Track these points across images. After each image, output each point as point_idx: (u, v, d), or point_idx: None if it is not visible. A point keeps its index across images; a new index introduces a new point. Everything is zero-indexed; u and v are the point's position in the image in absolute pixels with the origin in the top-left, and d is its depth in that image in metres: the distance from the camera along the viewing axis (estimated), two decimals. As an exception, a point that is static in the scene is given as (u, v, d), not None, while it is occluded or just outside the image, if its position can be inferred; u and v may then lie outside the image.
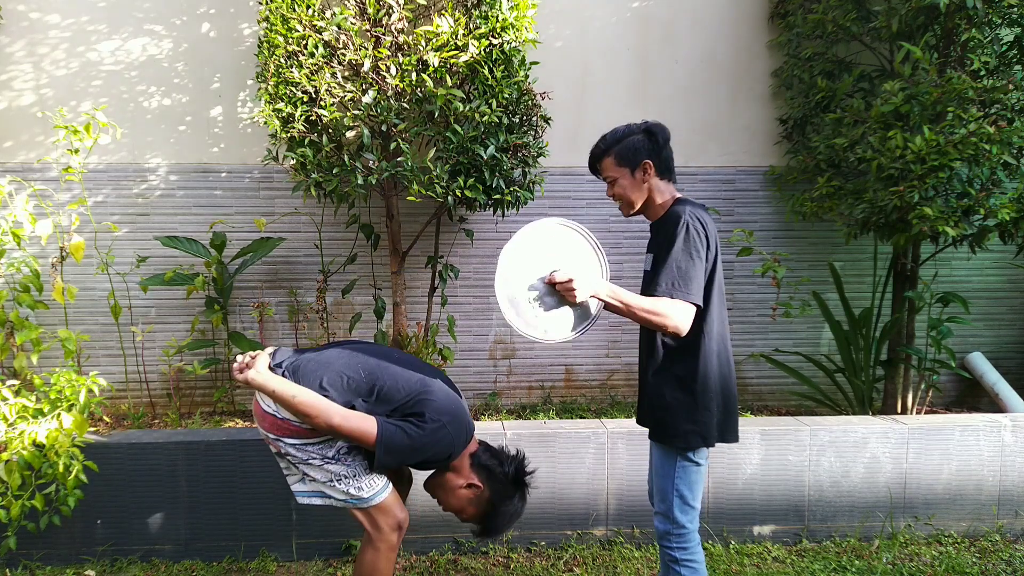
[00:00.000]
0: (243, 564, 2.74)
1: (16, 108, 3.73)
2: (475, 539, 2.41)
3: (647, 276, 2.02)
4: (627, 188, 1.99)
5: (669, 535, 1.98)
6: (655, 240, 2.00)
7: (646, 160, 1.96)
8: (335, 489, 1.98)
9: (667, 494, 1.97)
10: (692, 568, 1.96)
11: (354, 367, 1.98)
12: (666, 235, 1.88)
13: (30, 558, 2.70)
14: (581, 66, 3.99)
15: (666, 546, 1.99)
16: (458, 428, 1.99)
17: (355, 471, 1.98)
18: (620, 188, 2.00)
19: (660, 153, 1.98)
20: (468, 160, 3.05)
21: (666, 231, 1.89)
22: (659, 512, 2.01)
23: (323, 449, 1.97)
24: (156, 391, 3.84)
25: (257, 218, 3.66)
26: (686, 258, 1.84)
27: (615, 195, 2.03)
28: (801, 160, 3.79)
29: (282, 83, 2.98)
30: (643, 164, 1.96)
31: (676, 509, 1.96)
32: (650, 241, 2.05)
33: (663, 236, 1.90)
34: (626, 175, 1.98)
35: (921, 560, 2.78)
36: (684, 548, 1.97)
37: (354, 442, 1.92)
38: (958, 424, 3.01)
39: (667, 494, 1.97)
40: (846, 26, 3.47)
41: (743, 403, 4.14)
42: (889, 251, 3.79)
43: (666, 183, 2.01)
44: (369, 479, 1.99)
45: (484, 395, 4.08)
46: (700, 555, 1.98)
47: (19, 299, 2.86)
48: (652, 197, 2.00)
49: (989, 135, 2.88)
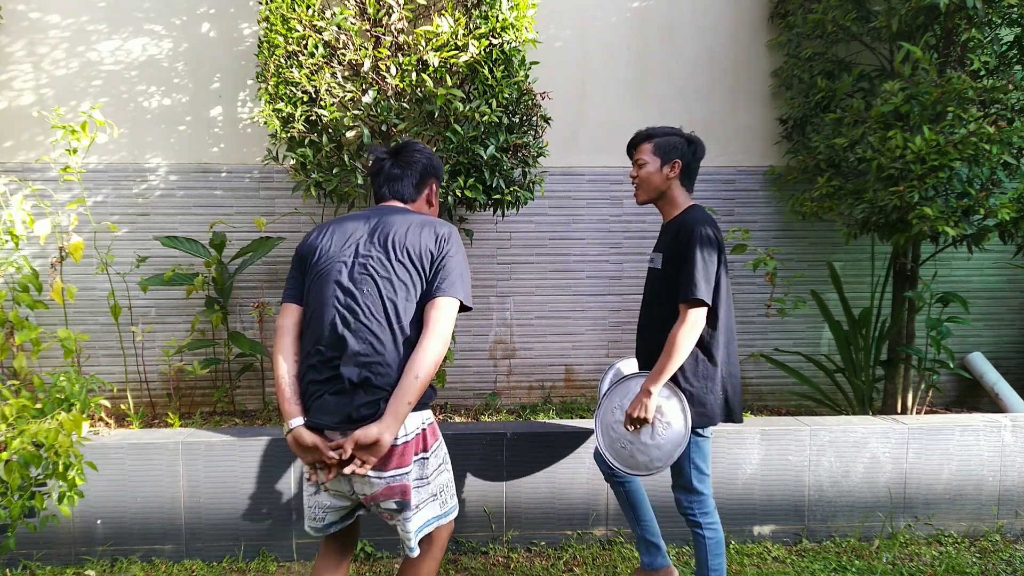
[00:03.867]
0: (243, 564, 2.74)
1: (16, 108, 3.73)
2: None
3: (655, 273, 2.21)
4: (652, 175, 2.17)
5: (692, 504, 2.20)
6: (666, 240, 2.16)
7: (677, 159, 2.16)
8: (444, 502, 1.85)
9: (684, 468, 2.19)
10: (713, 529, 2.21)
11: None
12: (684, 239, 2.06)
13: (30, 558, 2.70)
14: (581, 66, 3.99)
15: (689, 514, 2.21)
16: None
17: (451, 475, 1.92)
18: (646, 172, 2.17)
19: (691, 161, 2.19)
20: (468, 160, 3.05)
21: (684, 235, 2.07)
22: (679, 485, 2.23)
23: (433, 460, 1.82)
24: (156, 391, 3.84)
25: (257, 218, 3.66)
26: (702, 263, 2.03)
27: (639, 176, 2.20)
28: (801, 160, 3.79)
29: (282, 83, 2.98)
30: (673, 162, 2.16)
31: (694, 479, 2.18)
32: (659, 241, 2.23)
33: (681, 239, 2.08)
34: (656, 164, 2.16)
35: (921, 560, 2.79)
36: (705, 512, 2.20)
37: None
38: (958, 424, 3.01)
39: (684, 468, 2.19)
40: (846, 26, 3.47)
41: (743, 403, 4.12)
42: (888, 251, 3.79)
43: (684, 190, 2.21)
44: (454, 488, 1.93)
45: (484, 395, 4.08)
46: (717, 517, 2.23)
47: (18, 299, 2.86)
48: (671, 195, 2.19)
49: (989, 135, 2.88)
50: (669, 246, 2.12)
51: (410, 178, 1.95)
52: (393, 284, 1.74)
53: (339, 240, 1.83)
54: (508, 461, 2.83)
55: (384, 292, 1.74)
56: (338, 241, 1.83)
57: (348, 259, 1.79)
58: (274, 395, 3.85)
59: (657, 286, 2.18)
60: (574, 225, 4.03)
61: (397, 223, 1.82)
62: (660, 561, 2.43)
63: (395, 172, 1.95)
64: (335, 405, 1.68)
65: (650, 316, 2.22)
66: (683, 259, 2.04)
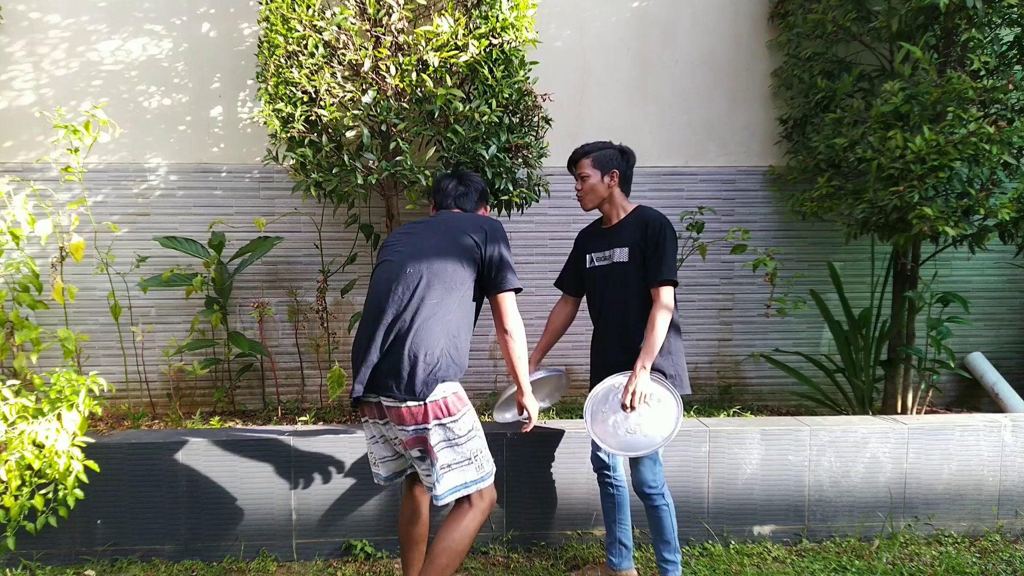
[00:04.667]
0: (243, 564, 2.74)
1: (16, 108, 3.74)
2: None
3: (618, 267, 2.43)
4: (596, 185, 2.46)
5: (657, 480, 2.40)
6: (630, 235, 2.42)
7: (615, 169, 2.45)
8: (478, 467, 2.10)
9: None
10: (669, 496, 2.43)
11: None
12: (655, 229, 2.36)
13: (30, 558, 2.70)
14: (581, 66, 3.99)
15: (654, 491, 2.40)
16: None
17: (484, 443, 2.15)
18: (590, 184, 2.46)
19: (626, 169, 2.50)
20: (470, 160, 3.05)
21: (653, 226, 2.37)
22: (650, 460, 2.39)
23: (461, 426, 2.08)
24: (156, 391, 3.84)
25: (257, 218, 3.66)
26: (671, 249, 2.35)
27: (583, 189, 2.48)
28: (801, 160, 3.79)
29: (282, 83, 2.98)
30: (612, 172, 2.45)
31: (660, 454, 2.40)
32: (615, 238, 2.46)
33: (652, 230, 2.37)
34: (598, 176, 2.45)
35: (921, 560, 2.79)
36: (663, 483, 2.41)
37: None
38: (958, 424, 3.01)
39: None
40: (846, 26, 3.47)
41: (743, 403, 4.14)
42: (889, 251, 3.79)
43: (624, 195, 2.51)
44: (489, 455, 2.15)
45: (484, 395, 4.08)
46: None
47: (19, 299, 2.87)
48: (615, 199, 2.48)
49: (989, 135, 2.88)
50: (637, 239, 2.38)
51: (472, 196, 2.40)
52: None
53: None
54: (508, 461, 2.83)
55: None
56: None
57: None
58: (273, 395, 3.86)
59: (628, 278, 2.40)
60: (574, 225, 4.02)
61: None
62: (627, 564, 2.58)
63: (460, 189, 2.37)
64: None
65: (624, 309, 2.41)
66: (655, 247, 2.34)
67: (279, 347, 3.94)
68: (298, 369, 3.91)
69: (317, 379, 3.94)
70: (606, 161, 2.44)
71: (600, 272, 2.49)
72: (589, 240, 2.58)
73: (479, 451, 2.11)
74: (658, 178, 4.07)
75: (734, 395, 4.17)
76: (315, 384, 3.96)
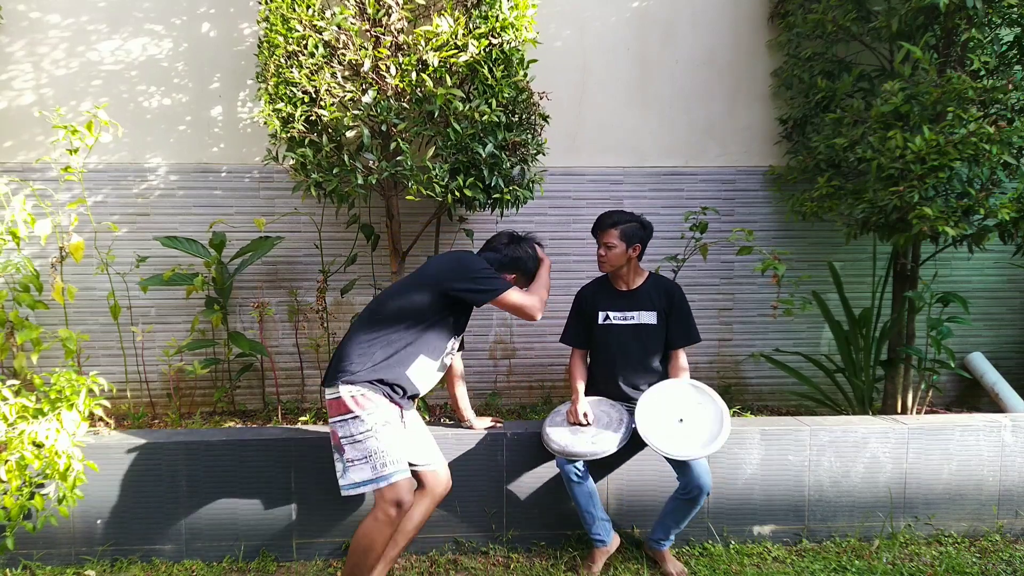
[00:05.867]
0: (243, 564, 2.74)
1: (16, 108, 3.74)
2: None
3: (647, 328, 2.76)
4: (618, 255, 2.73)
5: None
6: (656, 301, 2.78)
7: (638, 243, 2.74)
8: (374, 467, 2.20)
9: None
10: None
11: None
12: (680, 297, 2.79)
13: (30, 558, 2.70)
14: (581, 66, 3.99)
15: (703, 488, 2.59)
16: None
17: (384, 446, 2.23)
18: (615, 254, 2.73)
19: (646, 242, 2.78)
20: (467, 158, 3.05)
21: (678, 295, 2.79)
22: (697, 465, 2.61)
23: (358, 425, 2.22)
24: (156, 391, 3.84)
25: (257, 218, 3.66)
26: (691, 314, 2.82)
27: (607, 256, 2.74)
28: (801, 160, 3.79)
29: (282, 83, 2.98)
30: (635, 245, 2.74)
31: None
32: (637, 301, 2.79)
33: (676, 299, 2.78)
34: (622, 247, 2.72)
35: (921, 560, 2.79)
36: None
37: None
38: (958, 424, 3.01)
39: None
40: (846, 26, 3.47)
41: (743, 403, 4.14)
42: (889, 251, 3.79)
43: (639, 264, 2.82)
44: (393, 458, 2.22)
45: (484, 395, 4.08)
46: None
47: (19, 299, 2.87)
48: (634, 267, 2.80)
49: (989, 135, 2.88)
50: (664, 306, 2.76)
51: (497, 256, 2.61)
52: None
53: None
54: (508, 461, 2.83)
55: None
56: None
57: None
58: (273, 395, 3.86)
59: (651, 337, 2.75)
60: (574, 225, 4.03)
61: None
62: (612, 534, 2.73)
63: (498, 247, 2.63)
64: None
65: (643, 360, 2.76)
66: (681, 313, 2.77)
67: (279, 347, 3.94)
68: (298, 369, 3.91)
69: (317, 379, 3.95)
70: (631, 234, 2.71)
71: (618, 329, 2.78)
72: (600, 300, 2.83)
73: (375, 452, 2.22)
74: (658, 178, 4.07)
75: (734, 395, 4.17)
76: (315, 384, 3.96)
